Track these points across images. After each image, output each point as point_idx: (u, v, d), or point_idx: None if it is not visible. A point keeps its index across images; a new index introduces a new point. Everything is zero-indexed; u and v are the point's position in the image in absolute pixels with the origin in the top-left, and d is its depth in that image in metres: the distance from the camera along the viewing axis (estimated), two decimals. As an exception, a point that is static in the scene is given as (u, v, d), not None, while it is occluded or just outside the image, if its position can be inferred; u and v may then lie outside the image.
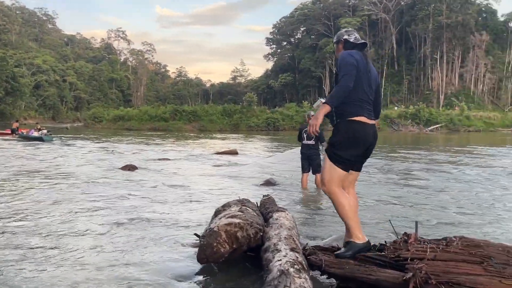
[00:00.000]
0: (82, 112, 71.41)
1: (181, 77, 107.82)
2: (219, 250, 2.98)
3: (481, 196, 6.97)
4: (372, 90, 3.00)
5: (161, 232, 4.57)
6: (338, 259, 2.76)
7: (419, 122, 50.90)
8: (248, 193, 6.86)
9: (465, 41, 71.70)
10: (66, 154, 14.29)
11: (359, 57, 2.94)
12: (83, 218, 5.16)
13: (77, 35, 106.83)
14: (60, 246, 3.98)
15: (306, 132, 7.32)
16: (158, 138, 27.04)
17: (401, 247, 2.38)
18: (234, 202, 4.43)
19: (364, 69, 2.90)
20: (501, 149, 19.50)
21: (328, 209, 5.77)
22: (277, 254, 2.80)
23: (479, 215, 5.53)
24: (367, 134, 2.89)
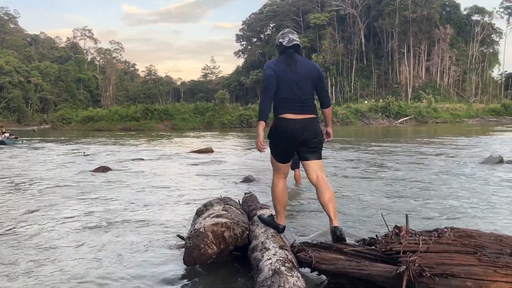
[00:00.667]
0: (49, 114, 69.00)
1: (150, 75, 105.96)
2: (206, 252, 2.89)
3: (466, 186, 7.05)
4: (303, 87, 3.26)
5: (142, 235, 4.43)
6: (327, 255, 2.72)
7: (389, 115, 52.00)
8: (228, 191, 6.77)
9: (431, 35, 73.63)
10: (34, 158, 13.77)
11: (275, 66, 3.32)
12: (58, 225, 4.95)
13: (41, 34, 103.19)
14: (36, 257, 3.79)
15: None
16: (130, 138, 26.50)
17: (392, 240, 2.35)
18: (216, 201, 4.35)
19: (284, 73, 3.25)
20: (470, 139, 20.14)
21: (311, 204, 5.76)
22: (267, 253, 2.74)
23: (465, 205, 5.64)
24: (292, 128, 3.18)
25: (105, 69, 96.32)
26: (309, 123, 3.23)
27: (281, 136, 3.24)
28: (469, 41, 77.34)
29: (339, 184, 7.41)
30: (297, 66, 3.30)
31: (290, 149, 3.31)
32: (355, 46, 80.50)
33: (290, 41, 3.43)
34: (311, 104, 3.31)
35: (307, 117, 3.24)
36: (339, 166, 10.25)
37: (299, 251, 2.90)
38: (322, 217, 5.01)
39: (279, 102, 3.25)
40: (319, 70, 3.44)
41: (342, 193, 6.55)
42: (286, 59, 3.36)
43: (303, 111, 3.24)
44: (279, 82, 3.24)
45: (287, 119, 3.21)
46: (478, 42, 77.07)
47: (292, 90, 3.23)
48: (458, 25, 77.00)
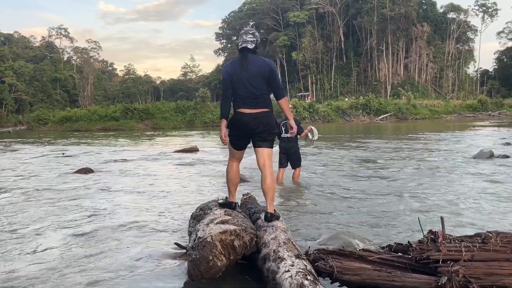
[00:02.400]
0: (24, 114, 66.86)
1: (129, 75, 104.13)
2: (215, 265, 2.59)
3: (468, 184, 6.94)
4: (255, 84, 3.57)
5: (133, 243, 4.09)
6: (351, 264, 2.46)
7: (370, 112, 52.40)
8: (219, 192, 6.48)
9: (408, 33, 74.61)
10: (11, 160, 13.12)
11: (229, 68, 3.72)
12: (43, 233, 4.55)
13: (15, 33, 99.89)
14: (17, 268, 3.42)
15: (285, 125, 7.10)
16: (111, 138, 25.79)
17: (429, 247, 2.11)
18: (214, 204, 4.05)
19: (237, 74, 3.61)
20: (453, 134, 20.34)
21: (311, 206, 5.51)
22: (282, 264, 2.46)
23: (464, 204, 5.49)
24: (246, 121, 3.59)
25: (82, 68, 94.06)
26: (261, 116, 3.59)
27: (237, 127, 3.65)
28: (446, 38, 78.79)
29: (337, 183, 7.22)
30: (249, 65, 3.60)
31: (244, 138, 3.71)
32: (335, 44, 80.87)
33: (243, 42, 3.72)
34: (264, 99, 3.62)
35: (259, 111, 3.59)
36: (334, 163, 10.07)
37: (315, 259, 2.63)
38: (326, 218, 4.78)
39: (236, 98, 3.64)
40: (271, 66, 3.65)
41: (338, 193, 6.34)
42: (240, 59, 3.69)
43: (256, 106, 3.59)
44: (234, 82, 3.62)
45: (242, 113, 3.61)
46: (454, 39, 78.56)
47: (246, 88, 3.58)
48: (435, 22, 78.28)
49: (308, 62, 77.99)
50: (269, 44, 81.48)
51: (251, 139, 3.73)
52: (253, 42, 3.75)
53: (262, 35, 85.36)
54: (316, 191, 6.63)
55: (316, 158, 11.36)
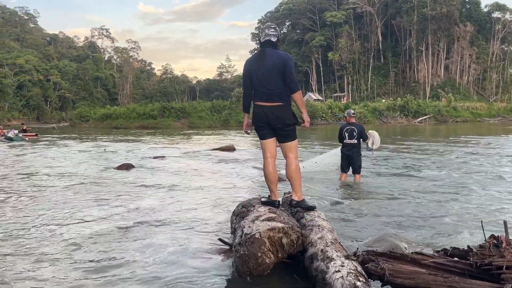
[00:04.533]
0: (67, 111, 69.76)
1: (167, 74, 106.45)
2: (264, 262, 2.59)
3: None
4: (270, 79, 3.67)
5: (175, 237, 4.15)
6: (403, 267, 2.39)
7: (407, 114, 51.09)
8: (257, 190, 6.48)
9: (450, 33, 72.15)
10: (55, 155, 13.68)
11: (248, 64, 3.88)
12: (88, 225, 4.71)
13: (60, 34, 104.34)
14: (67, 255, 3.55)
15: (348, 131, 7.09)
16: (149, 135, 26.42)
17: (491, 252, 2.02)
18: (256, 202, 4.05)
19: (254, 69, 3.77)
20: (497, 138, 19.48)
21: (357, 207, 5.40)
22: (332, 264, 2.42)
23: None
24: (259, 113, 3.76)
25: (122, 67, 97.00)
26: (274, 110, 3.70)
27: (256, 118, 3.81)
28: (490, 39, 75.57)
29: (383, 185, 7.09)
30: (265, 60, 3.72)
31: (264, 128, 3.81)
32: (372, 44, 79.40)
33: (265, 36, 3.85)
34: (279, 93, 3.69)
35: (272, 104, 3.70)
36: (379, 164, 9.89)
37: (364, 261, 2.58)
38: (372, 220, 4.69)
39: (254, 92, 3.80)
40: (286, 61, 3.69)
41: (387, 195, 6.20)
42: (258, 54, 3.84)
43: (270, 100, 3.70)
44: (252, 77, 3.78)
45: (257, 105, 3.79)
46: (499, 40, 75.24)
47: (261, 83, 3.71)
48: (479, 22, 75.26)
49: (344, 62, 76.96)
50: (305, 44, 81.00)
51: (273, 132, 3.83)
52: (275, 36, 3.87)
53: (298, 35, 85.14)
54: (364, 192, 6.56)
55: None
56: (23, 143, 19.72)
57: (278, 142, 3.88)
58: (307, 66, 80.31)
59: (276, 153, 3.91)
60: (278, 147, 3.92)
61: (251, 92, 3.83)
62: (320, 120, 45.90)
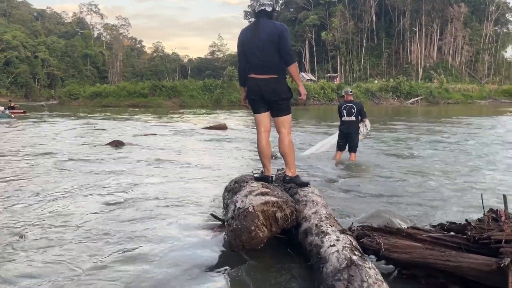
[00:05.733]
0: (56, 89, 68.57)
1: (157, 52, 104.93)
2: (257, 235, 2.53)
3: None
4: (264, 51, 3.55)
5: (167, 213, 4.08)
6: (399, 242, 2.35)
7: (400, 95, 51.16)
8: (250, 167, 6.43)
9: (444, 13, 71.76)
10: (45, 132, 13.44)
11: (242, 35, 3.73)
12: (81, 201, 4.61)
13: (48, 9, 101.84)
14: (53, 236, 3.47)
15: (346, 108, 7.01)
16: (140, 114, 26.12)
17: (490, 226, 1.97)
18: (248, 177, 3.99)
19: (248, 41, 3.64)
20: (493, 119, 19.60)
21: (351, 184, 5.36)
22: (326, 238, 2.37)
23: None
24: (252, 85, 3.65)
25: (111, 45, 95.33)
26: (268, 82, 3.58)
27: (250, 91, 3.70)
28: (483, 20, 75.33)
29: (377, 163, 7.09)
30: (259, 31, 3.58)
31: (258, 101, 3.70)
32: (366, 24, 78.77)
33: (260, 5, 3.67)
34: (273, 65, 3.57)
35: (266, 77, 3.58)
36: (372, 143, 9.88)
37: (359, 236, 2.53)
38: (366, 197, 4.66)
39: (248, 65, 3.68)
40: (281, 32, 3.56)
41: (381, 173, 6.18)
42: (252, 25, 3.71)
43: (264, 72, 3.58)
44: (246, 49, 3.66)
45: (250, 78, 3.67)
46: (492, 21, 75.07)
47: (255, 54, 3.59)
48: (473, 3, 74.88)
49: (337, 42, 76.39)
50: (299, 23, 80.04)
51: (267, 106, 3.73)
52: (271, 5, 3.71)
53: (292, 14, 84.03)
54: (358, 171, 6.54)
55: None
56: (10, 120, 19.37)
57: (271, 116, 3.78)
58: (300, 46, 79.54)
59: (270, 127, 3.81)
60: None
61: (245, 64, 3.71)
62: (313, 100, 45.71)
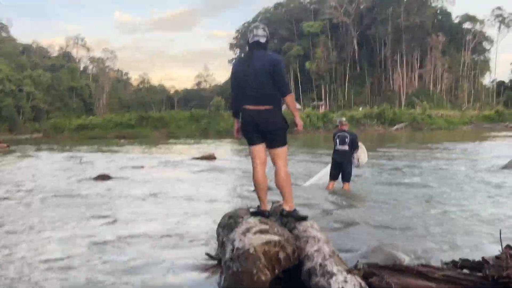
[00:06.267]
0: (41, 122, 67.76)
1: (144, 84, 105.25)
2: (260, 279, 2.36)
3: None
4: (258, 81, 3.49)
5: (157, 253, 3.88)
6: (411, 282, 2.22)
7: (384, 122, 51.85)
8: (242, 199, 6.27)
9: (423, 43, 74.03)
10: (29, 165, 13.11)
11: (236, 66, 3.79)
12: (65, 241, 4.37)
13: (34, 43, 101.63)
14: (45, 276, 3.25)
15: (340, 137, 6.94)
16: (127, 145, 25.82)
17: (509, 264, 1.86)
18: (244, 212, 3.85)
19: (242, 71, 3.61)
20: (475, 144, 19.86)
21: (350, 215, 5.23)
22: (333, 279, 2.23)
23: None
24: (246, 117, 3.57)
25: (98, 77, 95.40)
26: (263, 113, 3.51)
27: (244, 123, 3.62)
28: (461, 49, 77.87)
29: (372, 191, 6.98)
30: (253, 62, 3.55)
31: (253, 132, 3.61)
32: (349, 54, 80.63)
33: (254, 36, 3.69)
34: (268, 96, 3.52)
35: (261, 108, 3.51)
36: (364, 171, 9.81)
37: (367, 275, 2.39)
38: (365, 229, 4.53)
39: (242, 96, 3.61)
40: (275, 62, 3.55)
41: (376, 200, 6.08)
42: (246, 55, 3.70)
43: (258, 103, 3.52)
44: (239, 79, 3.63)
45: (244, 109, 3.60)
46: (469, 50, 77.65)
47: (249, 85, 3.53)
48: (450, 33, 77.51)
49: (321, 72, 77.82)
50: (283, 54, 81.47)
51: (262, 137, 3.65)
52: (265, 36, 3.74)
53: (276, 45, 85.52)
54: (354, 200, 6.42)
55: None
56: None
57: (267, 148, 3.68)
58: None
59: (266, 159, 3.68)
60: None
61: (240, 95, 3.65)
62: (299, 128, 45.96)
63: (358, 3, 76.74)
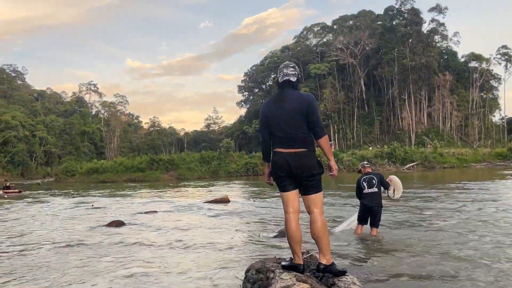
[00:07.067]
0: (53, 167, 68.43)
1: (154, 127, 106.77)
2: None
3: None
4: (290, 123, 3.32)
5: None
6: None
7: (395, 161, 51.31)
8: (265, 247, 5.96)
9: (430, 82, 74.56)
10: (39, 212, 12.92)
11: (265, 107, 3.51)
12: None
13: (48, 90, 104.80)
14: None
15: (366, 180, 6.68)
16: (138, 189, 25.65)
17: None
18: (273, 265, 3.59)
19: (272, 113, 3.41)
20: (494, 183, 19.35)
21: (384, 267, 4.90)
22: None
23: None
24: (278, 160, 3.34)
25: (109, 121, 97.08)
26: (297, 157, 3.29)
27: (277, 167, 3.37)
28: (469, 87, 78.23)
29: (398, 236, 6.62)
30: (284, 102, 3.37)
31: (286, 179, 3.37)
32: (356, 94, 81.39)
33: (284, 75, 3.51)
34: (301, 138, 3.32)
35: (295, 151, 3.30)
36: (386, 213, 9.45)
37: None
38: (405, 282, 4.20)
39: (273, 138, 3.42)
40: (309, 103, 3.36)
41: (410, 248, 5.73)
42: (277, 96, 3.49)
43: (292, 146, 3.31)
44: (270, 122, 3.42)
45: (276, 152, 3.39)
46: (477, 88, 77.91)
47: (280, 127, 3.34)
48: (457, 71, 78.22)
49: (329, 112, 78.30)
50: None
51: (296, 183, 3.40)
52: (295, 75, 3.53)
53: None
54: (385, 247, 6.05)
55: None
56: (3, 201, 18.80)
57: (300, 195, 3.43)
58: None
59: (299, 207, 3.44)
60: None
61: (270, 138, 3.46)
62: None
63: (363, 44, 78.22)
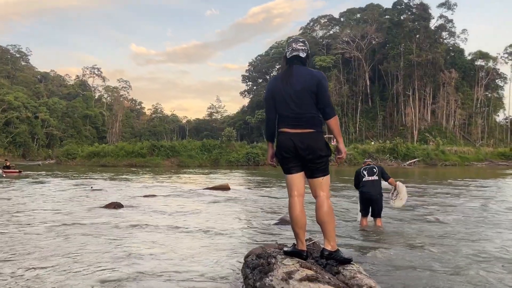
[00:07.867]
0: (54, 149, 68.49)
1: (157, 113, 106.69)
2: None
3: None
4: (299, 101, 3.11)
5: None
6: None
7: (397, 157, 51.16)
8: (265, 233, 5.85)
9: (436, 79, 74.07)
10: (39, 192, 12.84)
11: (272, 84, 3.28)
12: (70, 275, 4.00)
13: (51, 72, 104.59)
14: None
15: (366, 169, 6.54)
16: (138, 174, 25.59)
17: None
18: (275, 251, 3.46)
19: (279, 90, 3.18)
20: (495, 181, 19.21)
21: (389, 258, 4.77)
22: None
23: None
24: (285, 141, 3.13)
25: (112, 106, 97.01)
26: (304, 138, 3.10)
27: (282, 148, 3.18)
28: (474, 85, 77.68)
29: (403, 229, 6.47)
30: (293, 79, 3.16)
31: (291, 160, 3.19)
32: (360, 88, 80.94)
33: (293, 50, 3.29)
34: (309, 118, 3.13)
35: (302, 131, 3.11)
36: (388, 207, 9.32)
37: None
38: (412, 273, 4.06)
39: (279, 118, 3.22)
40: (319, 80, 3.14)
41: (414, 240, 5.60)
42: (285, 73, 3.25)
43: (299, 126, 3.12)
44: (276, 99, 3.20)
45: (282, 132, 3.19)
46: (482, 86, 77.37)
47: (288, 105, 3.15)
48: (463, 69, 77.60)
49: (333, 104, 77.97)
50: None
51: (302, 165, 3.20)
52: (305, 51, 3.30)
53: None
54: (389, 239, 5.90)
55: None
56: (2, 180, 18.74)
57: (306, 177, 3.24)
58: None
59: (304, 191, 3.26)
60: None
61: (275, 117, 3.23)
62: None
63: (370, 38, 77.54)
